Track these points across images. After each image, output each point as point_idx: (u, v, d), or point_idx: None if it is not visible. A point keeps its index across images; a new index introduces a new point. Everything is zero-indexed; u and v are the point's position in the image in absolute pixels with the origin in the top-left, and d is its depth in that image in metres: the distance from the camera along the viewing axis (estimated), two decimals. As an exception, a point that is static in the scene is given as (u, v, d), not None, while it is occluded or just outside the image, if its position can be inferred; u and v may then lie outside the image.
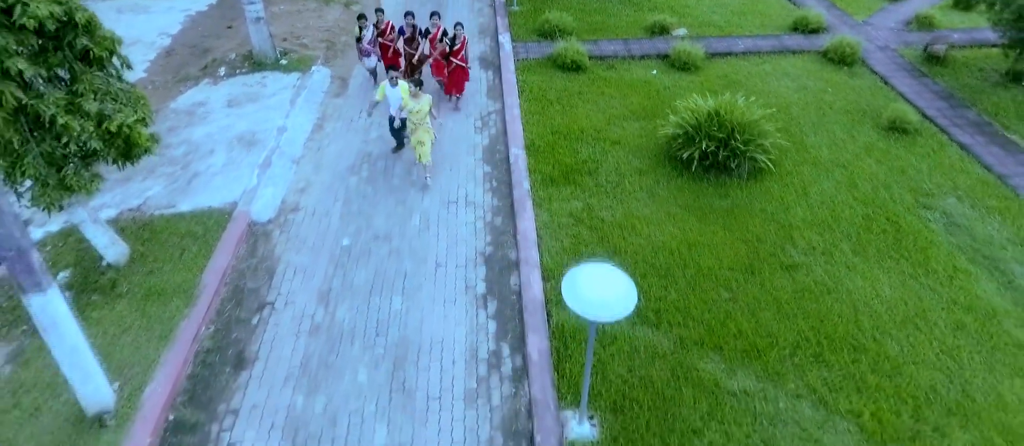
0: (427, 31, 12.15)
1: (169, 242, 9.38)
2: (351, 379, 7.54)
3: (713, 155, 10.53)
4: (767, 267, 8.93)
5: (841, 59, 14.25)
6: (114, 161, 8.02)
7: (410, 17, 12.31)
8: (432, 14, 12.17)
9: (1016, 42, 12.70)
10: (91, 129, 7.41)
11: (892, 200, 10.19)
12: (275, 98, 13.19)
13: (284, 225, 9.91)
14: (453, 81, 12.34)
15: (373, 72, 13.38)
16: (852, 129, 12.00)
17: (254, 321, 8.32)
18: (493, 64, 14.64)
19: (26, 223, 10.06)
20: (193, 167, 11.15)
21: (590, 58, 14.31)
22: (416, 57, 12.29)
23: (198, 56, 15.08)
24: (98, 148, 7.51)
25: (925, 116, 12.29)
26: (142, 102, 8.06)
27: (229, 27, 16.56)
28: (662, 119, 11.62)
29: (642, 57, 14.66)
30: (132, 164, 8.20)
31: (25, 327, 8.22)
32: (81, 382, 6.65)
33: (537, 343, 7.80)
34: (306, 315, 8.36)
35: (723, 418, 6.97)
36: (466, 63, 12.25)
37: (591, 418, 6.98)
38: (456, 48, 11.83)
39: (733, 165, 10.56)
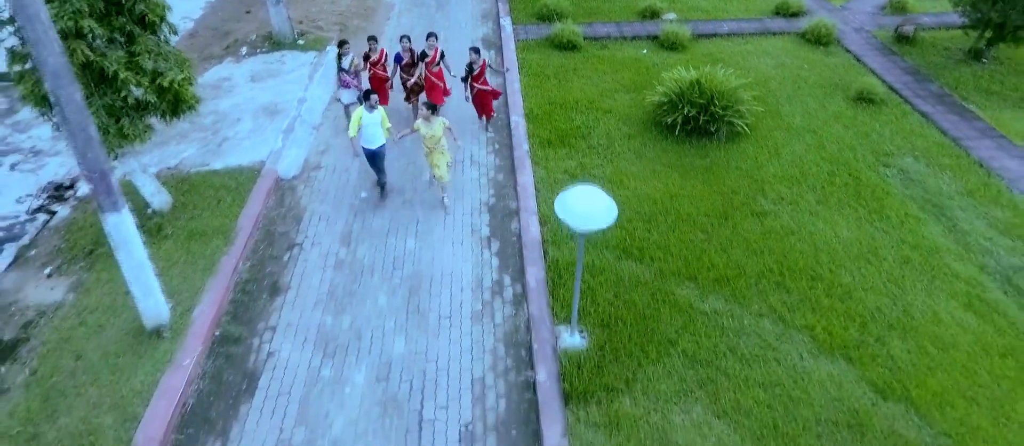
0: (424, 54, 11.43)
1: (206, 194, 10.49)
2: (372, 303, 8.66)
3: (694, 120, 11.63)
4: (739, 214, 10.04)
5: (818, 39, 15.37)
6: (163, 114, 9.15)
7: (406, 41, 11.42)
8: (428, 35, 11.49)
9: (975, 23, 13.80)
10: (147, 84, 8.54)
11: (855, 159, 11.30)
12: (294, 74, 14.30)
13: (308, 181, 11.02)
14: (480, 105, 11.88)
15: (346, 109, 11.85)
16: (824, 100, 13.11)
17: (285, 258, 9.43)
18: (495, 45, 15.75)
19: (74, 181, 11.22)
20: (222, 133, 12.26)
21: (585, 39, 15.43)
22: (411, 82, 11.72)
23: (220, 38, 16.20)
24: (152, 101, 8.64)
25: (891, 89, 13.40)
26: (187, 63, 9.19)
27: (247, 12, 17.67)
28: (650, 91, 12.71)
29: (633, 38, 15.77)
30: (179, 118, 9.34)
31: (83, 263, 9.35)
32: (143, 296, 7.76)
33: (535, 274, 8.91)
34: (331, 253, 9.47)
35: (695, 331, 8.08)
36: (488, 85, 11.66)
37: (581, 331, 8.08)
38: (475, 73, 11.35)
39: (713, 129, 11.66)
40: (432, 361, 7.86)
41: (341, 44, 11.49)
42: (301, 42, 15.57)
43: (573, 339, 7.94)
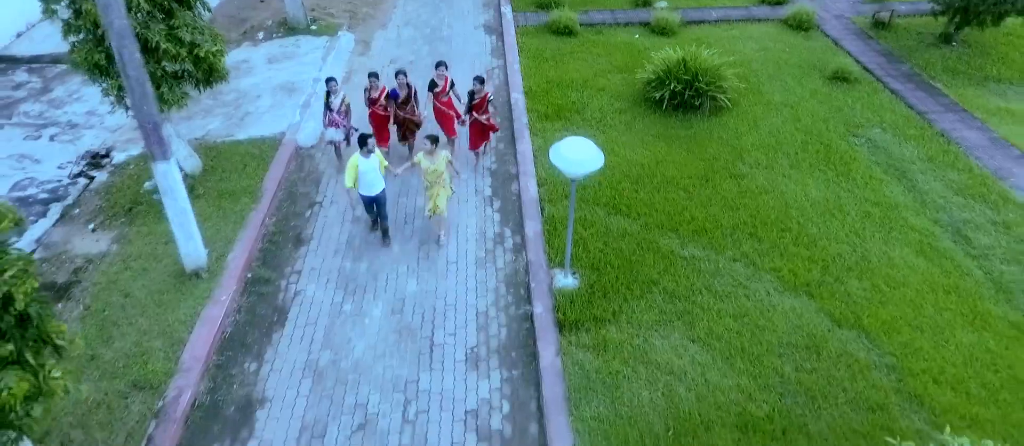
0: (433, 84, 10.71)
1: (232, 160, 11.48)
2: (387, 251, 9.65)
3: (680, 95, 12.62)
4: (719, 176, 11.03)
5: (799, 25, 16.36)
6: (197, 83, 10.14)
7: (403, 76, 10.53)
8: (437, 64, 10.70)
9: (945, 9, 14.78)
10: (185, 54, 9.53)
11: (827, 130, 12.29)
12: (309, 56, 15.30)
13: (325, 149, 11.99)
14: (475, 136, 10.96)
15: (337, 148, 11.07)
16: (802, 79, 14.10)
17: (307, 214, 10.43)
18: (496, 30, 16.74)
19: (109, 150, 12.21)
20: (244, 108, 13.26)
21: (581, 25, 16.42)
22: (415, 115, 10.87)
23: (237, 24, 17.18)
24: (190, 69, 9.63)
25: (866, 69, 14.40)
26: (220, 38, 10.18)
27: (261, 1, 18.66)
28: (641, 71, 13.68)
29: (626, 24, 16.77)
30: (211, 86, 10.34)
31: (123, 219, 10.35)
32: (185, 240, 8.75)
33: (533, 227, 9.91)
34: (348, 210, 10.45)
35: (675, 273, 9.07)
36: (490, 121, 10.80)
37: (574, 273, 9.06)
38: (476, 103, 10.53)
39: (697, 103, 12.65)
40: (441, 298, 8.86)
41: (329, 81, 10.48)
42: (314, 27, 16.56)
43: (566, 280, 8.93)
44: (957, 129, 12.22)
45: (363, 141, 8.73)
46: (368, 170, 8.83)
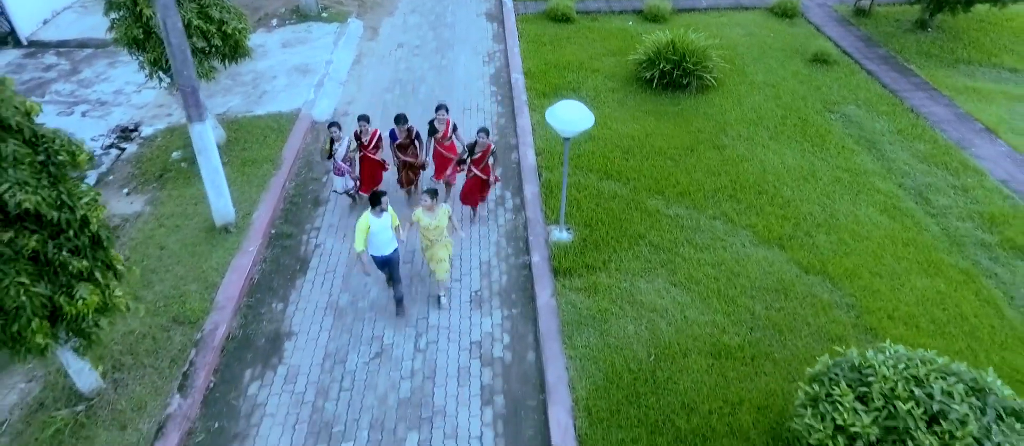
0: (433, 128, 9.90)
1: (253, 132, 12.39)
2: (399, 210, 10.54)
3: (669, 74, 13.53)
4: (703, 147, 11.94)
5: (784, 13, 17.27)
6: (224, 57, 11.06)
7: (404, 123, 9.66)
8: (438, 107, 9.83)
9: (921, -4, 15.72)
10: (214, 31, 10.46)
11: (805, 106, 13.21)
12: (321, 41, 16.22)
13: (339, 123, 12.90)
14: (470, 191, 9.88)
15: (350, 195, 10.42)
16: (784, 62, 15.01)
17: (323, 179, 11.35)
18: (497, 17, 17.65)
19: (138, 125, 13.13)
20: (261, 87, 14.18)
21: (577, 12, 17.33)
22: (411, 161, 10.06)
23: (251, 12, 18.06)
24: (218, 45, 10.55)
25: (844, 52, 15.31)
26: (244, 17, 11.11)
27: (274, -9, 19.57)
28: (633, 53, 14.59)
29: (621, 12, 17.68)
30: (236, 62, 11.26)
31: (155, 184, 11.26)
32: (216, 197, 9.67)
33: (531, 189, 10.82)
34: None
35: (660, 229, 9.98)
36: (490, 174, 9.62)
37: (568, 229, 9.98)
38: (476, 157, 9.46)
39: (685, 82, 13.56)
40: (448, 250, 9.77)
41: (331, 127, 9.73)
42: (325, 15, 17.48)
43: (561, 234, 9.84)
44: (926, 105, 13.13)
45: (375, 199, 7.82)
46: (380, 230, 7.95)
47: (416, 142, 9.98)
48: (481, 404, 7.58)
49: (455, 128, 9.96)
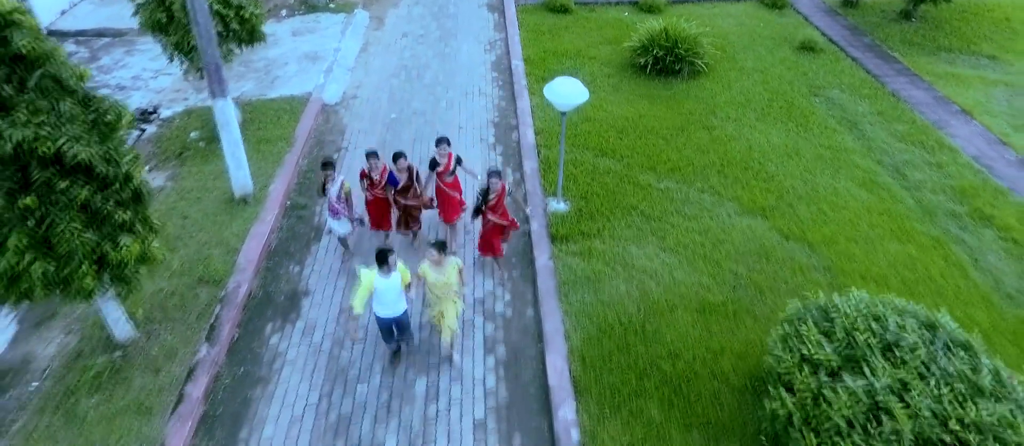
0: (434, 163, 9.19)
1: (267, 114, 13.07)
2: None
3: (662, 60, 14.20)
4: (693, 127, 12.61)
5: (773, 3, 17.95)
6: (240, 42, 11.73)
7: (403, 159, 8.96)
8: (438, 142, 9.13)
9: (905, -13, 16.39)
10: (232, 16, 11.13)
11: (792, 90, 13.88)
12: (329, 31, 16.89)
13: (347, 106, 13.61)
14: (487, 242, 9.06)
15: (344, 241, 9.60)
16: (773, 49, 15.69)
17: (334, 157, 12.01)
18: (498, 8, 18.33)
19: (157, 107, 13.80)
20: (273, 73, 14.85)
21: (575, 3, 18.00)
22: (413, 204, 9.29)
23: (262, 3, 18.75)
24: (236, 28, 11.23)
25: (831, 40, 15.98)
26: (259, 2, 11.78)
27: (282, -17, 20.24)
28: (628, 41, 15.26)
29: (617, 3, 18.35)
30: (252, 46, 11.93)
31: (175, 162, 11.93)
32: (235, 168, 10.33)
33: (530, 165, 11.49)
34: (370, 153, 12.04)
35: (651, 200, 10.65)
36: (507, 218, 8.84)
37: (566, 200, 10.64)
38: (492, 202, 8.66)
39: (677, 68, 14.23)
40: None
41: (325, 166, 8.92)
42: (332, 6, 18.15)
43: (559, 205, 10.51)
44: (906, 89, 13.80)
45: (382, 258, 7.02)
46: (388, 289, 7.18)
47: (416, 182, 9.20)
48: (484, 352, 8.25)
49: (459, 161, 9.29)
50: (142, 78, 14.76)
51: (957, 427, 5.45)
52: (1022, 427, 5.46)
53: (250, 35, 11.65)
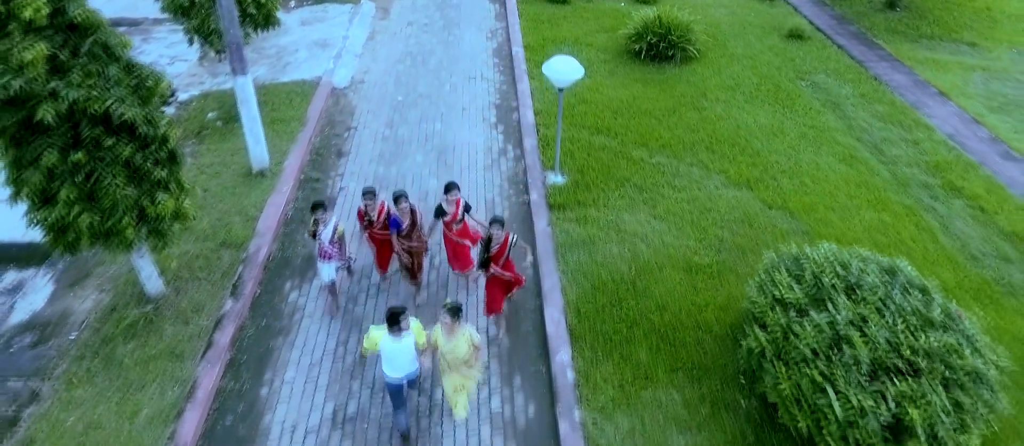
0: (441, 210, 8.46)
1: (280, 96, 13.75)
2: (412, 159, 11.93)
3: (656, 46, 14.89)
4: (684, 108, 13.30)
5: (765, -6, 18.66)
6: (256, 26, 12.43)
7: (404, 201, 8.20)
8: (448, 188, 8.40)
9: (890, -22, 17.08)
10: (250, 1, 11.82)
11: (779, 75, 14.57)
12: (336, 20, 17.58)
13: (356, 89, 14.30)
14: (493, 297, 8.24)
15: (332, 290, 8.68)
16: (762, 37, 16.38)
17: (345, 135, 12.71)
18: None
19: (174, 91, 14.48)
20: (284, 59, 15.54)
21: (573, -6, 18.72)
22: (416, 247, 8.54)
23: (270, -5, 19.44)
24: (253, 13, 11.92)
25: (817, 28, 16.68)
26: (274, -11, 12.49)
27: (290, -24, 20.92)
28: (623, 28, 15.95)
29: (614, -6, 19.06)
30: (267, 30, 12.62)
31: (194, 140, 12.62)
32: (254, 143, 11.02)
33: (530, 142, 12.19)
34: (379, 132, 12.74)
35: (643, 174, 11.34)
36: (512, 271, 8.04)
37: (563, 174, 11.33)
38: (494, 252, 7.82)
39: (670, 54, 14.92)
40: (457, 191, 11.13)
41: (315, 207, 8.13)
42: (339, -4, 18.87)
43: (556, 178, 11.20)
44: (887, 74, 14.50)
45: (393, 319, 6.37)
46: (398, 353, 6.54)
47: (421, 228, 8.50)
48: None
49: (467, 208, 8.57)
50: (159, 64, 15.42)
51: (908, 353, 6.14)
52: (966, 353, 6.16)
53: (266, 20, 12.35)
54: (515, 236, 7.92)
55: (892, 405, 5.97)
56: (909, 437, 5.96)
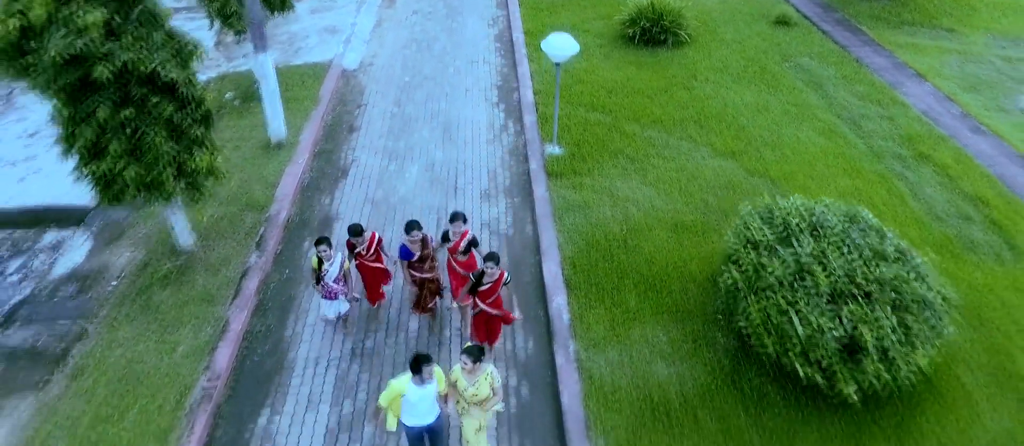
0: (446, 238, 8.23)
1: (293, 78, 14.58)
2: (419, 134, 12.76)
3: (649, 31, 15.71)
4: (675, 88, 14.11)
5: (755, -16, 19.45)
6: (272, 9, 13.25)
7: (417, 231, 7.85)
8: (453, 218, 8.14)
9: (873, -33, 17.88)
10: (267, -15, 12.66)
11: (765, 58, 15.38)
12: (345, 8, 18.41)
13: (365, 71, 15.13)
14: (485, 328, 7.98)
15: (345, 320, 8.48)
16: (751, 23, 17.19)
17: (356, 112, 13.54)
18: (500, -11, 19.87)
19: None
20: (296, 45, 16.37)
21: (571, -15, 19.51)
22: (429, 277, 8.19)
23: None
24: (270, -3, 12.76)
25: (804, 15, 17.48)
26: (289, -25, 13.32)
27: (299, -31, 21.74)
28: (618, 14, 16.75)
29: (610, -15, 19.86)
30: (284, 13, 13.44)
31: (214, 117, 13.41)
32: (272, 116, 11.85)
33: (530, 119, 13.01)
34: (387, 109, 13.57)
35: (635, 146, 12.15)
36: (502, 309, 7.69)
37: (560, 146, 12.15)
38: (484, 289, 7.50)
39: (662, 38, 15.73)
40: (461, 162, 11.97)
41: (319, 243, 7.80)
42: (347, -13, 19.68)
43: (554, 149, 12.02)
44: (869, 57, 15.30)
45: (417, 366, 6.13)
46: (421, 400, 6.32)
47: (432, 256, 8.16)
48: (490, 260, 9.76)
49: (474, 242, 8.22)
50: (177, 49, 16.25)
51: (863, 281, 6.95)
52: (912, 280, 6.98)
53: (281, 3, 13.17)
54: (509, 275, 7.62)
55: (847, 326, 6.78)
56: (862, 354, 6.77)
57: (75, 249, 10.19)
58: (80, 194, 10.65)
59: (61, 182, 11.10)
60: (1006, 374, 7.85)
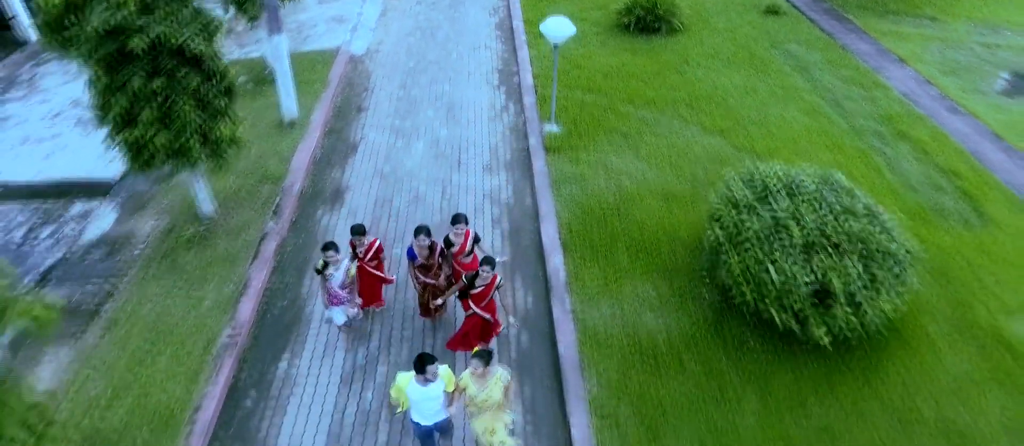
0: (449, 242, 8.18)
1: (303, 63, 15.23)
2: (424, 114, 13.43)
3: (644, 20, 16.37)
4: (668, 72, 14.78)
5: (747, -24, 20.11)
6: (285, -2, 13.92)
7: (424, 236, 7.82)
8: (455, 219, 8.11)
9: (860, -41, 18.53)
10: (279, -28, 13.31)
11: (755, 44, 16.05)
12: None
13: (372, 57, 15.80)
14: (467, 334, 7.91)
15: (350, 325, 8.43)
16: (742, 13, 17.85)
17: (363, 94, 14.21)
18: (500, -19, 20.52)
19: (206, 59, 15.95)
20: (305, 33, 17.04)
21: (570, -23, 20.17)
22: (435, 284, 8.19)
23: (288, -22, 20.91)
24: (282, -16, 13.41)
25: (793, 5, 18.15)
26: (301, -36, 13.97)
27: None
28: (614, 3, 17.41)
29: (607, -24, 20.52)
30: (293, 1, 14.08)
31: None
32: (285, 96, 12.52)
33: (529, 100, 13.68)
34: (393, 92, 14.24)
35: (629, 124, 12.82)
36: (494, 313, 7.76)
37: (558, 124, 12.82)
38: (478, 291, 7.50)
39: (656, 26, 16.39)
40: (465, 139, 12.64)
41: (326, 248, 7.71)
42: (353, -21, 20.34)
43: (552, 127, 12.69)
44: (854, 43, 15.97)
45: (421, 366, 6.09)
46: (426, 399, 6.31)
47: (440, 258, 8.16)
48: (492, 227, 10.43)
49: (477, 239, 8.34)
50: (191, 37, 16.91)
51: (833, 235, 7.62)
52: (878, 234, 7.65)
53: (293, -10, 13.83)
54: (502, 279, 7.61)
55: (819, 275, 7.45)
56: (833, 299, 7.44)
57: (103, 218, 10.86)
58: (104, 168, 11.39)
59: (86, 158, 11.85)
60: (967, 324, 8.53)
